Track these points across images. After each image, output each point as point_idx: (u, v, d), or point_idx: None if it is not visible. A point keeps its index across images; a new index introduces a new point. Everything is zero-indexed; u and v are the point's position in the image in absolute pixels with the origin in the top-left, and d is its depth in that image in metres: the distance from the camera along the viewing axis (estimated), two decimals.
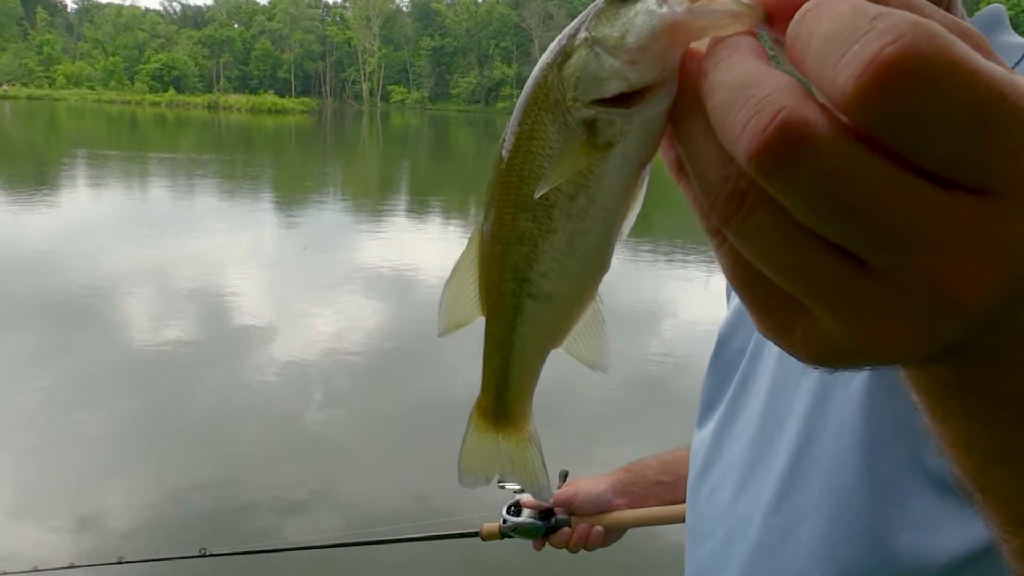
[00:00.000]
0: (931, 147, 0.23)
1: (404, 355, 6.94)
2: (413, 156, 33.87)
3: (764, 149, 0.24)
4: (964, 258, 0.23)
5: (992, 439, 0.30)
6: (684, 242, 14.20)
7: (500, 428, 0.41)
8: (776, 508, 0.73)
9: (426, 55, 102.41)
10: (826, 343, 0.27)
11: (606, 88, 0.29)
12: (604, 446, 5.25)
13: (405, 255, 10.82)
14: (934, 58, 0.22)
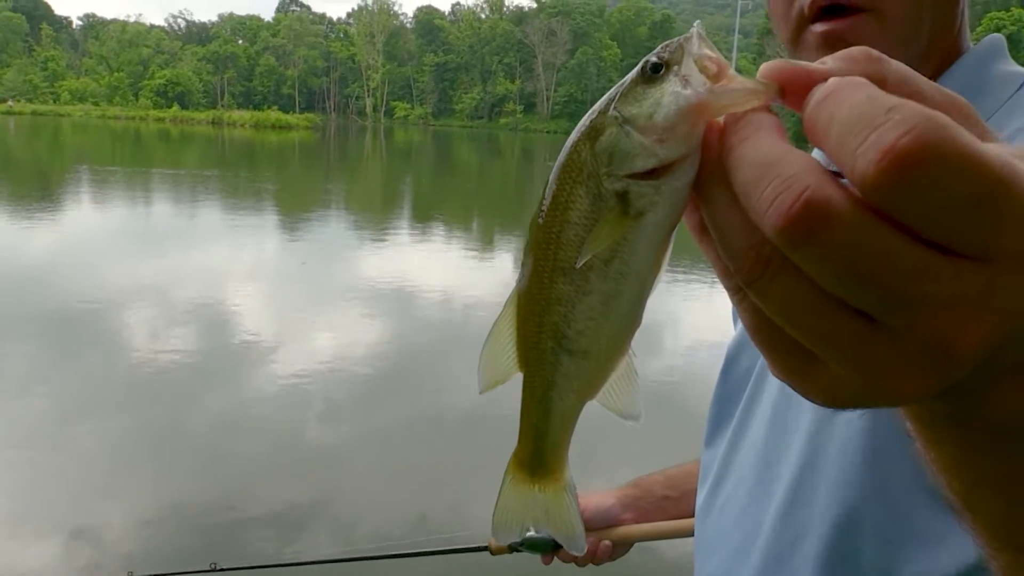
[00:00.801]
0: (938, 223, 0.25)
1: (405, 370, 6.98)
2: (416, 172, 34.02)
3: (790, 225, 0.26)
4: (963, 317, 0.26)
5: (977, 463, 0.34)
6: (686, 260, 14.25)
7: (537, 479, 0.43)
8: (784, 519, 0.76)
9: (429, 71, 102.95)
10: (838, 389, 0.30)
11: (637, 164, 0.32)
12: (605, 462, 5.28)
13: (407, 271, 10.88)
14: (943, 148, 0.24)
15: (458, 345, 7.87)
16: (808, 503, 0.74)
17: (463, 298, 9.67)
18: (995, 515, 0.35)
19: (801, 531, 0.74)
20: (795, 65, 0.30)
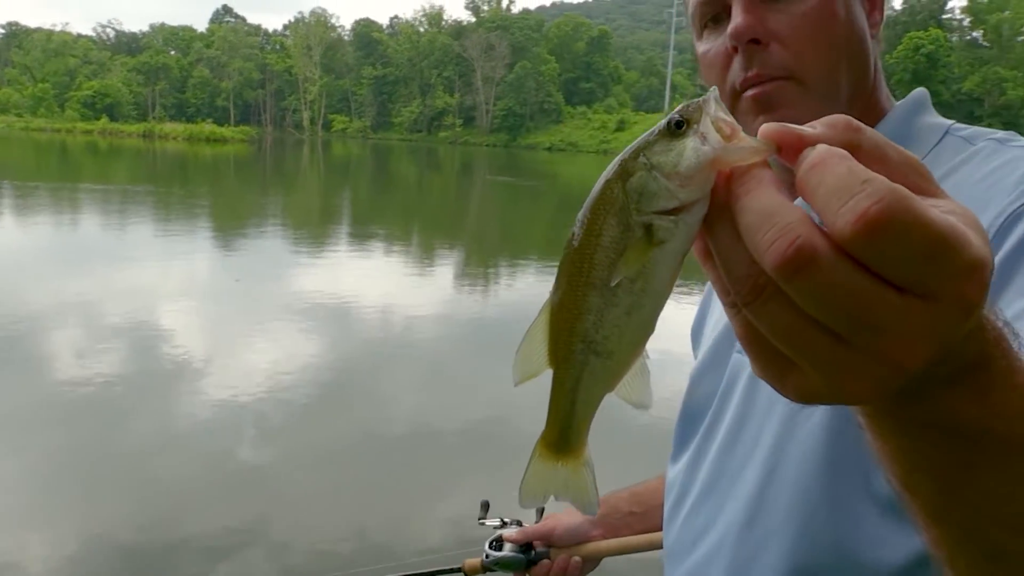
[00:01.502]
0: (897, 270, 0.34)
1: (343, 388, 6.89)
2: (355, 185, 33.72)
3: (784, 264, 0.34)
4: (911, 342, 0.35)
5: (914, 452, 0.43)
6: None
7: (561, 456, 0.50)
8: (749, 526, 0.84)
9: (368, 84, 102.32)
10: (809, 389, 0.38)
11: (662, 203, 0.39)
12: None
13: (345, 286, 10.76)
14: (902, 216, 0.33)
15: (398, 361, 7.81)
16: (771, 511, 0.82)
17: (403, 313, 9.60)
18: (928, 495, 0.44)
19: (765, 536, 0.82)
20: (789, 129, 0.38)
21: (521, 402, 6.78)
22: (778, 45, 0.83)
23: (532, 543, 1.36)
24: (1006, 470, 0.41)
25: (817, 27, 0.83)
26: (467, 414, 6.34)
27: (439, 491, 4.98)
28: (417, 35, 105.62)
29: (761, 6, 0.83)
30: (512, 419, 6.41)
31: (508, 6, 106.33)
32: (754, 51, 0.83)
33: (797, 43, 0.83)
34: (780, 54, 0.83)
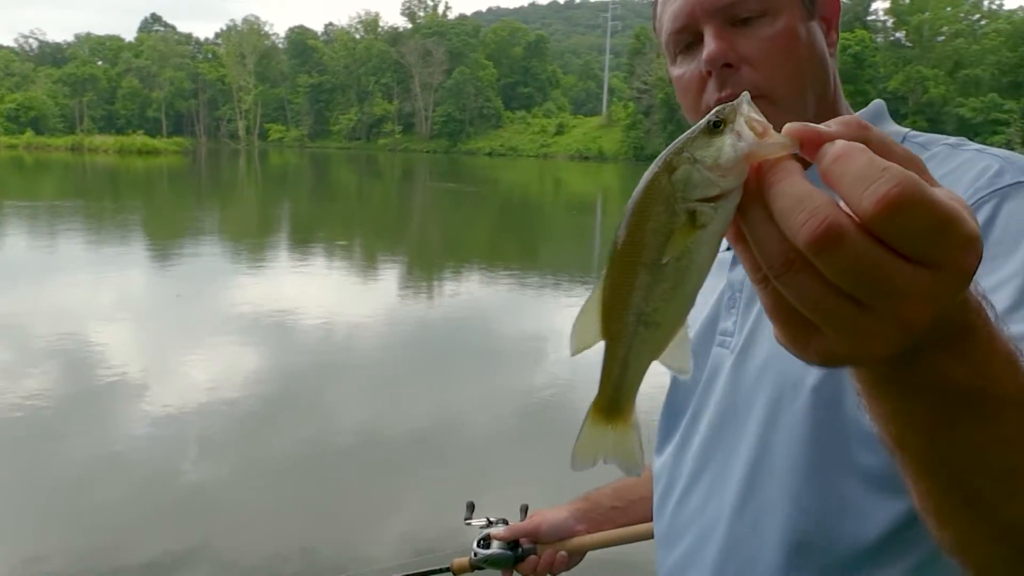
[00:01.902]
0: (908, 243, 0.40)
1: (287, 400, 6.79)
2: (293, 195, 33.23)
3: (816, 240, 0.40)
4: (918, 303, 0.41)
5: (907, 412, 0.49)
6: (568, 274, 14.54)
7: (611, 420, 0.54)
8: (741, 508, 0.91)
9: (304, 92, 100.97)
10: (830, 351, 0.44)
11: (705, 192, 0.44)
12: (498, 481, 5.29)
13: (287, 298, 10.61)
14: (915, 197, 0.39)
15: (342, 371, 7.73)
16: (762, 493, 0.89)
17: (346, 322, 9.51)
18: (918, 451, 0.51)
19: (758, 517, 0.89)
20: (810, 127, 0.43)
21: (469, 407, 6.78)
22: (748, 67, 0.90)
23: (519, 540, 1.40)
24: (985, 425, 0.48)
25: (783, 49, 0.90)
26: (414, 422, 6.31)
27: (390, 501, 4.95)
28: (353, 42, 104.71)
29: (731, 32, 0.90)
30: (459, 424, 6.41)
31: (444, 12, 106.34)
32: (727, 74, 0.91)
33: (766, 65, 0.90)
34: (751, 75, 0.90)
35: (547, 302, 11.69)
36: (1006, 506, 0.52)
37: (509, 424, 6.52)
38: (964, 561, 0.58)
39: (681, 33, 0.95)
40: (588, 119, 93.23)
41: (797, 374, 0.86)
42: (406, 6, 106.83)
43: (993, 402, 0.48)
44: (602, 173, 59.86)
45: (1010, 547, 0.54)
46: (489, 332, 9.68)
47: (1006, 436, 0.49)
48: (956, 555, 0.58)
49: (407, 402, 6.83)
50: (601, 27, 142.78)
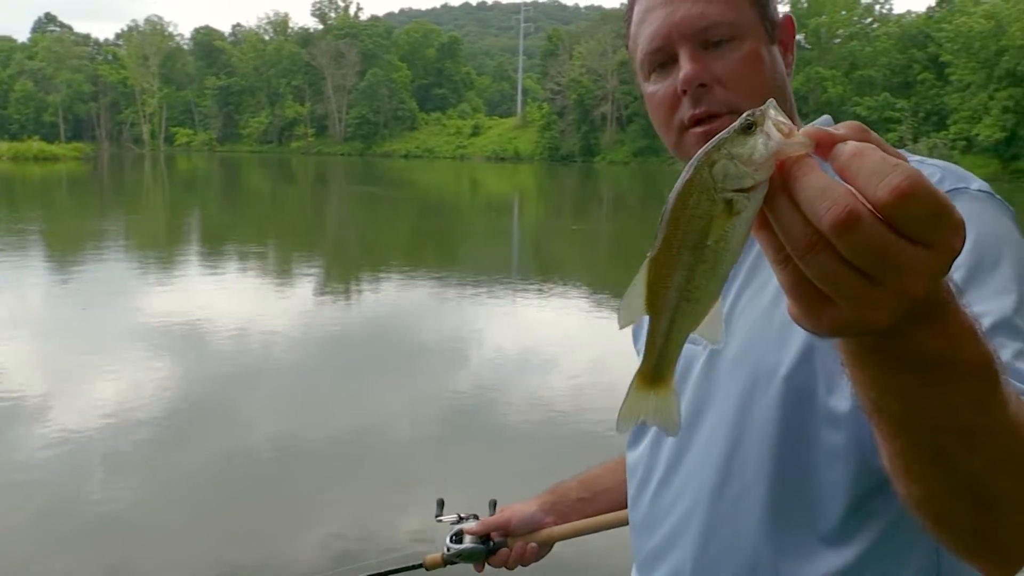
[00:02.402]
0: (912, 227, 0.47)
1: (202, 412, 6.62)
2: (203, 201, 32.25)
3: (838, 223, 0.46)
4: (918, 277, 0.48)
5: (886, 379, 0.57)
6: (488, 274, 14.60)
7: (654, 386, 0.61)
8: (720, 491, 0.99)
9: (212, 94, 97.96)
10: (840, 321, 0.51)
11: (740, 183, 0.50)
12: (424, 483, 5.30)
13: (199, 306, 10.32)
14: (921, 188, 0.46)
15: (259, 379, 7.58)
16: (740, 475, 0.97)
17: (261, 330, 9.32)
18: (894, 413, 0.59)
19: (737, 498, 0.97)
20: (823, 130, 0.50)
21: (391, 412, 6.75)
22: (720, 87, 1.00)
23: (490, 534, 1.45)
24: (953, 389, 0.56)
25: (750, 70, 1.01)
26: (335, 429, 6.25)
27: (313, 511, 4.90)
28: (262, 43, 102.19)
29: (704, 55, 1.00)
30: (381, 430, 6.38)
31: (356, 13, 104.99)
32: (701, 93, 1.00)
33: (735, 84, 1.00)
34: (722, 94, 1.00)
35: (467, 303, 11.72)
36: (967, 460, 0.60)
37: (432, 427, 6.53)
38: (926, 514, 0.66)
39: (656, 53, 1.03)
40: (503, 120, 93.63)
41: (770, 365, 0.94)
42: (316, 7, 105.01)
43: (959, 369, 0.55)
44: (519, 173, 60.24)
45: (968, 497, 0.62)
46: (410, 335, 9.65)
47: (969, 398, 0.57)
48: (920, 509, 0.66)
49: (327, 409, 6.76)
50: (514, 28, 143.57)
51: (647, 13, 1.04)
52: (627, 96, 74.46)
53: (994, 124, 52.87)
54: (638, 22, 1.06)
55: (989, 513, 0.63)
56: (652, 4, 1.04)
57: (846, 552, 0.91)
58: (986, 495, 0.62)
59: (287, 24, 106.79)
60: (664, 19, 1.02)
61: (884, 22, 70.49)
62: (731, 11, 1.01)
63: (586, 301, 12.43)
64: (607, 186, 47.25)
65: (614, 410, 0.53)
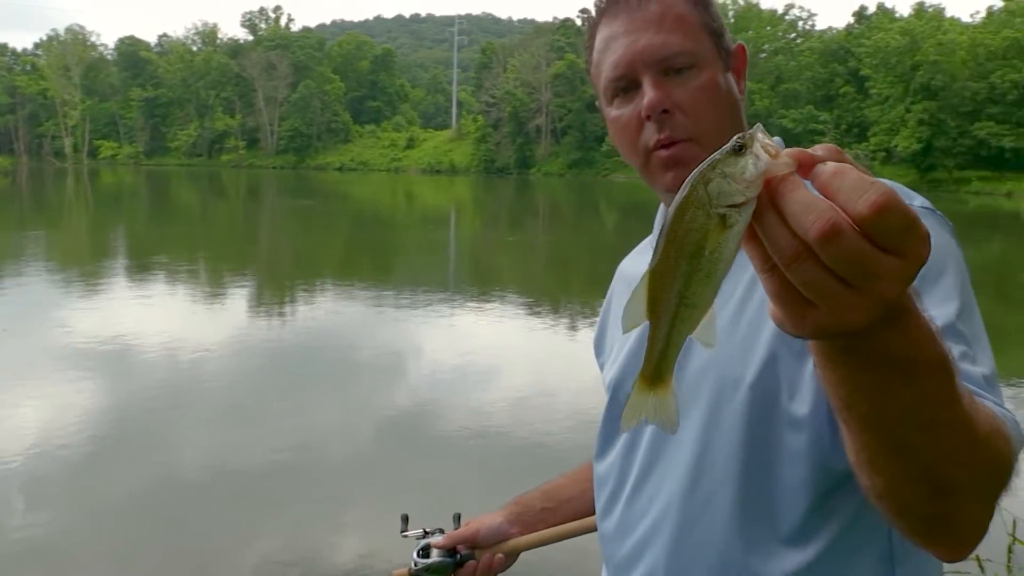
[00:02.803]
0: (886, 238, 0.51)
1: (130, 436, 6.41)
2: (130, 217, 31.27)
3: (823, 234, 0.51)
4: (891, 282, 0.53)
5: (856, 378, 0.62)
6: (426, 287, 14.52)
7: (654, 387, 0.65)
8: (691, 491, 1.04)
9: (138, 106, 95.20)
10: (822, 323, 0.55)
11: (733, 200, 0.55)
12: (367, 499, 5.23)
13: (124, 327, 9.99)
14: (895, 203, 0.51)
15: (190, 398, 7.37)
16: (710, 475, 1.03)
17: (191, 348, 9.07)
18: (862, 408, 0.64)
19: (708, 497, 1.03)
20: (805, 152, 0.55)
21: (328, 429, 6.65)
22: (681, 113, 1.06)
23: (456, 547, 1.47)
24: (914, 386, 0.61)
25: (708, 97, 1.07)
26: (270, 448, 6.13)
27: (254, 534, 4.78)
28: (190, 54, 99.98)
29: (666, 82, 1.06)
30: (320, 448, 6.27)
31: (287, 24, 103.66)
32: (664, 119, 1.05)
33: (695, 111, 1.06)
34: (683, 120, 1.06)
35: (405, 317, 11.64)
36: (926, 451, 0.65)
37: (373, 443, 6.46)
38: (889, 504, 0.72)
39: (620, 80, 1.08)
40: (438, 132, 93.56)
41: (736, 374, 1.00)
42: (247, 18, 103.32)
43: (921, 368, 0.61)
44: (455, 186, 60.21)
45: (926, 485, 0.68)
46: (347, 350, 9.53)
47: (928, 394, 0.62)
48: (883, 499, 0.72)
49: (264, 428, 6.62)
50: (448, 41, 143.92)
51: (610, 41, 1.09)
52: (561, 109, 75.28)
53: (911, 136, 55.26)
54: (601, 49, 1.11)
55: (945, 500, 0.69)
56: (615, 32, 1.09)
57: (809, 549, 0.97)
58: (942, 483, 0.68)
59: (216, 35, 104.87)
60: (628, 47, 1.07)
61: (807, 38, 73.03)
62: (690, 41, 1.06)
63: (524, 312, 12.48)
64: (543, 198, 47.58)
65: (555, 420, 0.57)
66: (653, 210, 1.31)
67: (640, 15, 1.07)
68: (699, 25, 1.08)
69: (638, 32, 1.06)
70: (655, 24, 1.06)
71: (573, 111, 74.53)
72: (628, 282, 1.31)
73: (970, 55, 55.83)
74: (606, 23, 1.11)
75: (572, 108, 74.63)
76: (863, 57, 60.92)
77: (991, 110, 54.18)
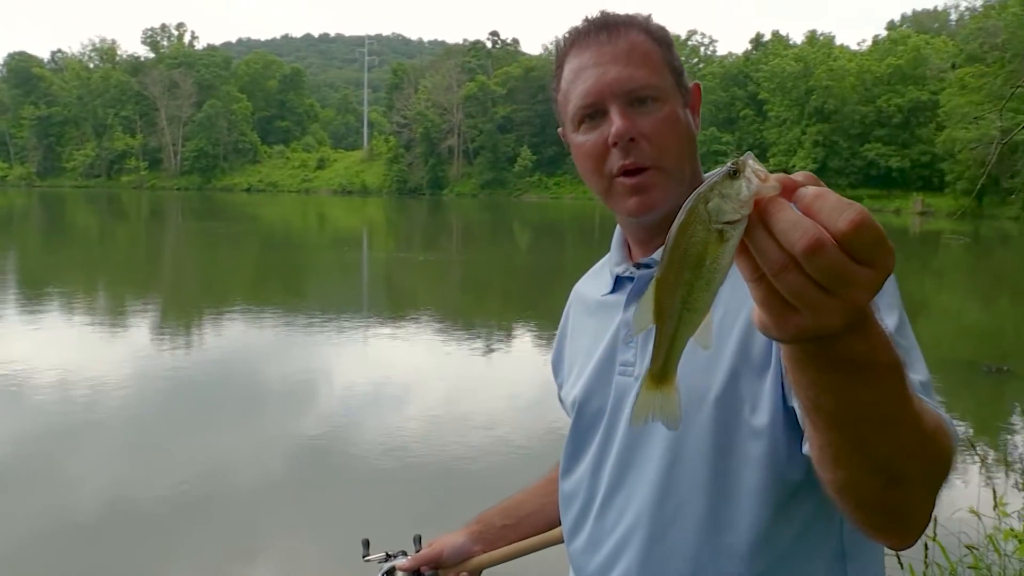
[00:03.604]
0: (861, 251, 0.58)
1: (19, 474, 6.04)
2: (21, 242, 29.62)
3: (808, 248, 0.57)
4: (864, 290, 0.59)
5: (823, 379, 0.69)
6: (338, 310, 14.28)
7: (660, 385, 0.71)
8: (662, 502, 1.10)
9: (30, 125, 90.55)
10: (803, 327, 0.62)
11: (729, 217, 0.61)
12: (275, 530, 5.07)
13: (14, 359, 9.43)
14: (868, 221, 0.57)
15: (88, 431, 7.01)
16: (680, 485, 1.09)
17: (89, 378, 8.65)
18: (828, 407, 0.71)
19: (678, 506, 1.09)
20: (788, 177, 0.62)
21: (236, 460, 6.43)
22: (645, 142, 1.13)
23: (420, 569, 1.49)
24: (876, 386, 0.69)
25: (669, 128, 1.15)
26: (174, 479, 5.88)
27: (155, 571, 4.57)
28: (87, 71, 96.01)
29: (632, 112, 1.13)
30: (225, 477, 6.06)
31: (191, 42, 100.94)
32: (630, 147, 1.13)
33: (658, 140, 1.14)
34: (647, 148, 1.13)
35: (317, 341, 11.41)
36: (883, 446, 0.73)
37: (285, 471, 6.28)
38: (848, 496, 0.80)
39: (588, 108, 1.15)
40: (350, 153, 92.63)
41: (701, 389, 1.07)
42: (148, 35, 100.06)
43: (880, 370, 0.68)
44: (367, 207, 59.64)
45: (882, 477, 0.76)
46: (256, 377, 9.27)
47: (885, 394, 0.70)
48: (843, 492, 0.80)
49: (165, 459, 6.35)
50: (358, 61, 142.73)
51: (580, 71, 1.16)
52: (473, 130, 75.74)
53: (807, 156, 58.01)
54: (570, 79, 1.18)
55: (897, 490, 0.77)
56: (585, 64, 1.16)
57: (770, 552, 1.05)
58: (896, 475, 0.76)
59: (115, 52, 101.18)
60: (597, 78, 1.14)
61: (708, 62, 75.87)
62: (655, 76, 1.15)
63: (439, 333, 12.42)
64: (456, 218, 47.64)
65: (468, 444, 0.57)
66: (564, 230, 1.33)
67: (609, 49, 1.15)
68: (662, 62, 1.17)
69: (607, 64, 1.14)
70: (623, 58, 1.14)
71: (485, 132, 75.07)
72: (584, 303, 1.35)
73: (858, 81, 59.19)
74: (575, 54, 1.18)
75: (484, 129, 75.18)
76: (761, 81, 63.70)
77: (879, 132, 57.53)
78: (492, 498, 1.60)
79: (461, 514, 1.59)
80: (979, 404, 8.76)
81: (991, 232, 36.88)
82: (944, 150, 48.64)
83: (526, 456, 6.41)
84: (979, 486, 5.92)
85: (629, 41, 1.15)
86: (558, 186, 72.07)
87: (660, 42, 1.18)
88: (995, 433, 7.71)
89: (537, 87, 77.13)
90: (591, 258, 1.44)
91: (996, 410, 8.76)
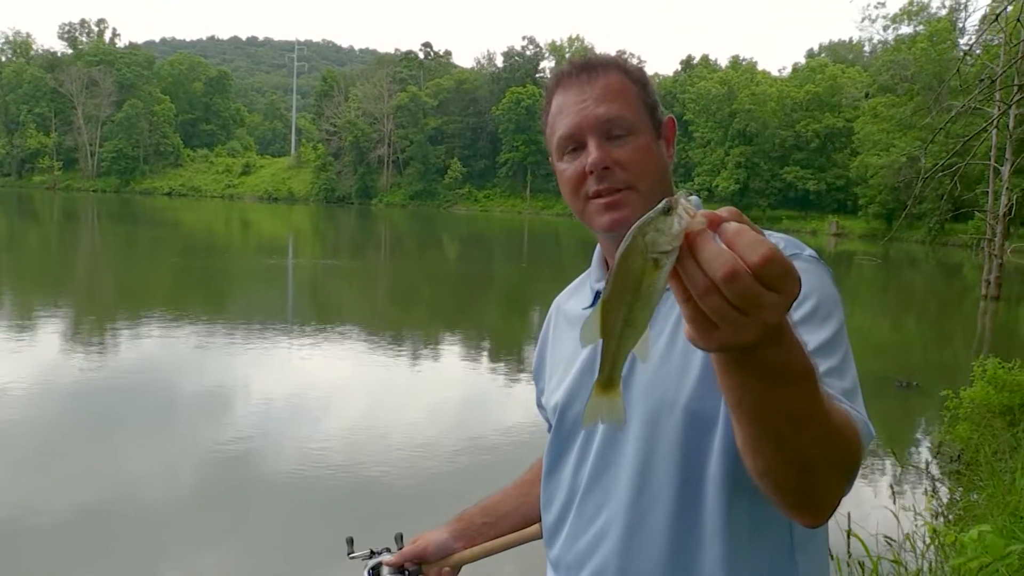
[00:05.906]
0: (770, 279, 0.68)
1: None
2: None
3: (726, 276, 0.67)
4: (773, 312, 0.70)
5: (745, 383, 0.80)
6: (261, 319, 13.96)
7: (606, 392, 0.81)
8: (639, 496, 1.23)
9: None
10: (723, 341, 0.72)
11: (663, 248, 0.70)
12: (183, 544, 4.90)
13: None
14: (778, 256, 0.68)
15: None
16: (654, 480, 1.22)
17: None
18: (750, 407, 0.83)
19: (653, 499, 1.21)
20: (714, 213, 0.72)
21: (146, 474, 6.20)
22: (620, 168, 1.27)
23: (404, 565, 1.57)
24: (788, 388, 0.80)
25: (642, 157, 1.29)
26: (81, 495, 5.64)
27: None
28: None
29: (607, 145, 1.27)
30: (135, 495, 5.84)
31: (112, 40, 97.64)
32: (605, 174, 1.27)
33: (633, 167, 1.28)
34: (621, 174, 1.27)
35: (237, 350, 11.14)
36: (796, 439, 0.85)
37: (191, 486, 6.09)
38: (768, 480, 0.92)
39: (570, 140, 1.30)
40: (276, 159, 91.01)
41: (672, 396, 1.20)
42: (65, 30, 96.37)
43: (793, 374, 0.80)
44: (293, 214, 58.64)
45: (796, 465, 0.89)
46: (172, 388, 8.99)
47: (799, 395, 0.82)
48: (764, 477, 0.92)
49: (71, 473, 6.08)
50: (287, 66, 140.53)
51: (564, 107, 1.31)
52: (403, 140, 75.39)
53: (730, 177, 59.80)
54: (555, 113, 1.33)
55: (808, 476, 0.90)
56: (568, 101, 1.31)
57: (731, 541, 1.18)
58: (808, 463, 0.88)
59: (30, 46, 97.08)
60: (577, 114, 1.29)
61: None
62: (630, 112, 1.29)
63: (364, 343, 12.28)
64: (385, 228, 47.25)
65: (389, 452, 0.58)
66: (493, 242, 1.36)
67: (590, 89, 1.30)
68: (637, 98, 1.31)
69: (587, 102, 1.29)
70: (601, 96, 1.29)
71: (415, 143, 74.82)
72: (565, 316, 1.50)
73: (779, 105, 61.31)
74: (561, 92, 1.33)
75: (414, 140, 74.93)
76: (687, 103, 65.32)
77: (797, 156, 59.68)
78: (414, 508, 1.61)
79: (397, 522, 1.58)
80: (894, 417, 9.16)
81: (899, 254, 38.64)
82: (858, 175, 50.82)
83: (450, 464, 6.43)
84: (892, 488, 6.20)
85: (607, 80, 1.30)
86: (488, 199, 72.34)
87: (636, 81, 1.32)
88: (906, 444, 8.10)
89: (468, 100, 77.40)
90: (520, 269, 1.47)
91: (908, 423, 9.22)
